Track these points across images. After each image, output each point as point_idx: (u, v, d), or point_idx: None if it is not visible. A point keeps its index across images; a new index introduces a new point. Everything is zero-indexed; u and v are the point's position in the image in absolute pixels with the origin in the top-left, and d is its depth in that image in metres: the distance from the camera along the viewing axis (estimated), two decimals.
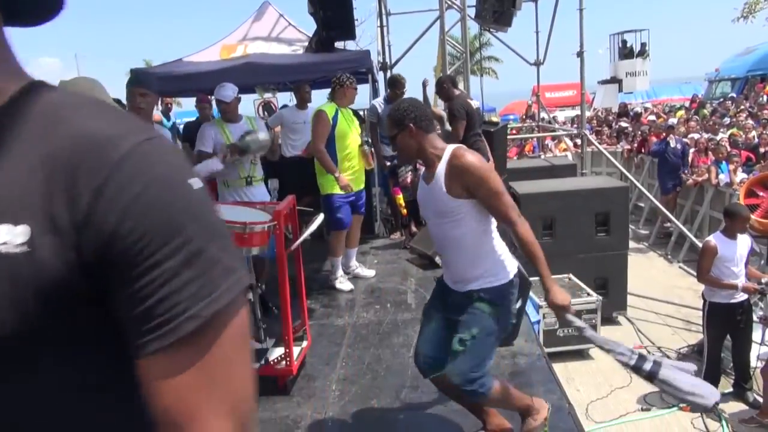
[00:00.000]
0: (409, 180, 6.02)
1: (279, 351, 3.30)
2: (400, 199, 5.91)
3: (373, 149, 5.36)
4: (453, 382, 2.42)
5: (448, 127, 5.87)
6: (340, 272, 4.91)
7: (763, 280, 4.86)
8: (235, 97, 4.23)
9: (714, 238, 4.87)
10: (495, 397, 2.45)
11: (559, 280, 6.24)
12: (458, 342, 2.36)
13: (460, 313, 2.42)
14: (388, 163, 6.02)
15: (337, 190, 4.56)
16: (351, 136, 4.63)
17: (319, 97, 6.85)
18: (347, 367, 3.58)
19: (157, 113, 6.72)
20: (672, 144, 9.53)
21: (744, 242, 4.80)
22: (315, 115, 4.57)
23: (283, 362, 3.23)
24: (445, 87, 5.87)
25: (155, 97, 3.35)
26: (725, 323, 4.89)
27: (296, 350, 3.38)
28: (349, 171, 4.66)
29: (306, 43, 6.53)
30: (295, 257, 3.54)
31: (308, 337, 3.61)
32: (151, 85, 3.31)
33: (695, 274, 7.63)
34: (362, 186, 4.84)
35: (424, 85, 6.63)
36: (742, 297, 4.77)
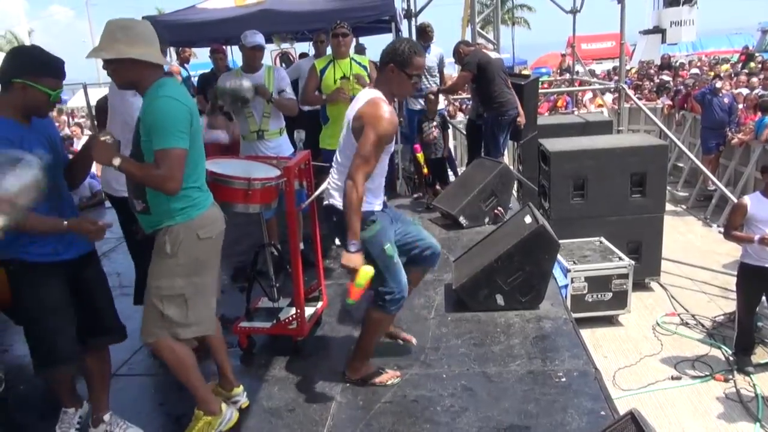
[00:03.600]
0: (433, 136, 5.78)
1: (292, 311, 3.23)
2: (421, 157, 5.68)
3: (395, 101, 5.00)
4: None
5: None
6: None
7: None
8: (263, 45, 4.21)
9: (749, 197, 4.62)
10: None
11: (589, 243, 6.01)
12: None
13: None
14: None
15: (326, 146, 4.45)
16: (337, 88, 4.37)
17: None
18: None
19: (174, 65, 6.57)
20: (720, 95, 8.90)
21: None
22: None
23: (295, 323, 3.15)
24: (459, 51, 5.71)
25: (165, 47, 3.17)
26: (757, 287, 4.63)
27: (310, 311, 3.31)
28: (337, 124, 4.46)
29: None
30: (310, 216, 3.42)
31: (324, 298, 3.53)
32: (162, 35, 3.11)
33: None
34: None
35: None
36: None
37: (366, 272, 2.47)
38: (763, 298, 4.74)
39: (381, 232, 2.65)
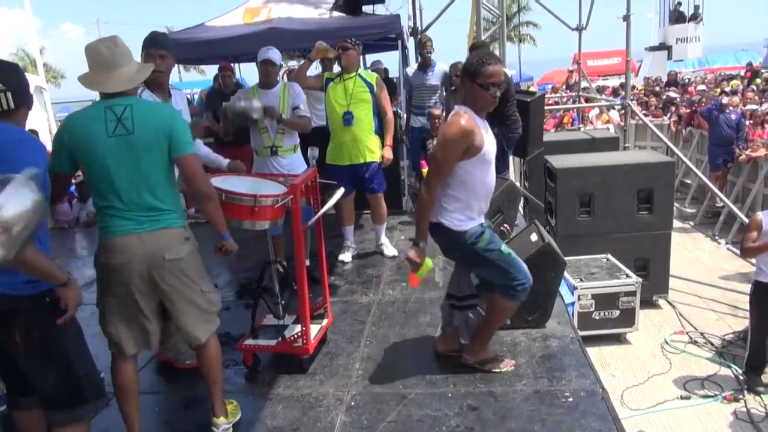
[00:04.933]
0: None
1: (297, 328, 3.22)
2: (426, 172, 5.68)
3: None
4: None
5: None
6: (345, 243, 4.97)
7: None
8: (280, 62, 4.30)
9: (762, 213, 4.57)
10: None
11: (596, 260, 5.98)
12: None
13: None
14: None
15: (330, 160, 4.59)
16: (337, 104, 4.45)
17: None
18: (371, 346, 3.51)
19: (204, 90, 6.59)
20: (726, 111, 8.89)
21: None
22: None
23: (300, 341, 3.13)
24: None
25: (173, 59, 3.18)
26: None
27: (315, 328, 3.30)
28: (336, 140, 4.56)
29: (331, 4, 6.30)
30: (316, 233, 3.42)
31: (329, 315, 3.53)
32: (168, 45, 3.16)
33: None
34: (361, 161, 4.56)
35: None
36: None
37: (428, 264, 2.79)
38: None
39: (492, 239, 2.83)
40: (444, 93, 6.05)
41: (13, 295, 2.05)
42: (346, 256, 4.91)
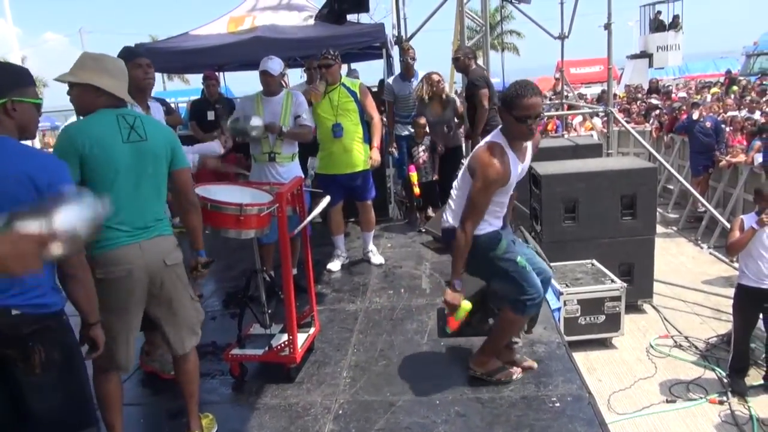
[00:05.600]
0: (422, 160, 5.82)
1: (284, 337, 3.21)
2: (414, 177, 5.71)
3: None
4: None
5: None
6: (335, 251, 4.96)
7: None
8: (281, 71, 4.27)
9: (745, 217, 4.63)
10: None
11: (581, 265, 6.02)
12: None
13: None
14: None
15: (321, 170, 4.56)
16: (324, 115, 4.47)
17: None
18: (359, 354, 3.50)
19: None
20: (700, 121, 9.06)
21: None
22: None
23: (287, 350, 3.11)
24: (462, 59, 5.68)
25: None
26: (754, 309, 4.62)
27: (302, 337, 3.28)
28: (326, 150, 4.57)
29: (316, 12, 6.32)
30: (303, 241, 3.42)
31: (316, 324, 3.52)
32: (145, 56, 3.15)
33: (727, 260, 7.37)
34: (351, 170, 4.57)
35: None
36: None
37: (465, 307, 2.78)
38: (760, 320, 4.73)
39: (509, 248, 2.83)
40: None
41: (37, 314, 1.84)
42: (335, 265, 4.90)
